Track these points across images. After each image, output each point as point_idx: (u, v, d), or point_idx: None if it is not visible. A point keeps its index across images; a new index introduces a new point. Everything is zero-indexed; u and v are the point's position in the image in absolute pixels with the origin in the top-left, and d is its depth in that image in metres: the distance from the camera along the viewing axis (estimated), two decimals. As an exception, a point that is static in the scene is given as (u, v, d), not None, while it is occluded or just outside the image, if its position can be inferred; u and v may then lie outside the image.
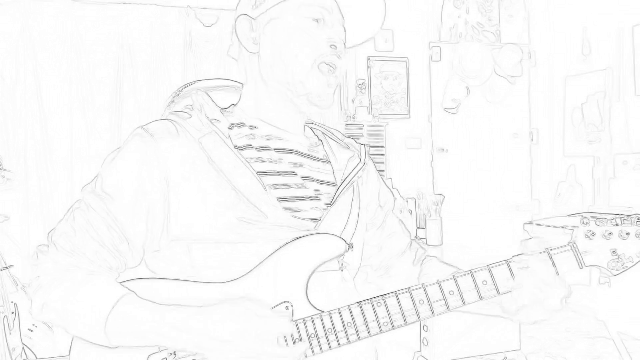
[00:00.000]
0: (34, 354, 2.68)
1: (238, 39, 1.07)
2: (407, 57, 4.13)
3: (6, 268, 2.55)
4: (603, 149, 4.03)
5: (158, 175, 0.96)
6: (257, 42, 1.06)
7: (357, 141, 1.18)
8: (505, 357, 2.90)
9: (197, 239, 0.96)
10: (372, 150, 3.90)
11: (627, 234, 1.01)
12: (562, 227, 3.22)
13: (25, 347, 2.60)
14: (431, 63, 4.18)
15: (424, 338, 2.91)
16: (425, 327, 2.92)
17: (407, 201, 3.86)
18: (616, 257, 1.01)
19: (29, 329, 2.71)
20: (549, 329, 3.66)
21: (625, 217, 1.02)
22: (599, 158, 4.07)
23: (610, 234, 1.01)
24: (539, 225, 3.49)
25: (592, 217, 1.03)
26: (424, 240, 3.74)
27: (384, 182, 1.23)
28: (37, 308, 0.94)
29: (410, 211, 3.84)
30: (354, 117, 3.90)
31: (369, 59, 4.03)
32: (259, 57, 1.06)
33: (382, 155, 3.90)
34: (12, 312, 2.51)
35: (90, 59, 3.40)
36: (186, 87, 1.13)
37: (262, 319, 0.90)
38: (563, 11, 4.32)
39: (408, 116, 4.14)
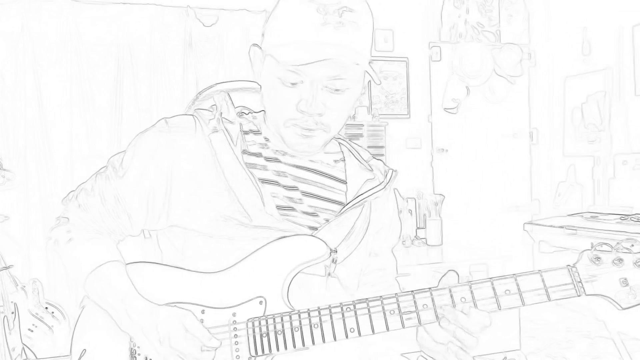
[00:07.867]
0: (34, 354, 2.68)
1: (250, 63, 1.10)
2: (407, 57, 4.13)
3: (6, 268, 2.55)
4: (603, 149, 4.03)
5: (165, 164, 1.03)
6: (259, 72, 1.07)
7: (388, 166, 1.17)
8: (505, 357, 2.90)
9: (190, 229, 1.02)
10: (372, 151, 3.90)
11: None
12: (562, 227, 3.22)
13: (25, 347, 2.60)
14: (431, 63, 4.17)
15: (424, 338, 2.91)
16: (425, 327, 2.91)
17: (407, 201, 3.86)
18: (627, 287, 0.86)
19: (29, 329, 2.71)
20: (549, 329, 3.65)
21: None
22: (599, 158, 4.07)
23: (620, 260, 0.86)
24: (539, 225, 3.49)
25: (604, 243, 0.87)
26: (424, 240, 3.74)
27: (399, 219, 1.22)
28: (51, 240, 1.07)
29: (410, 211, 3.84)
30: (354, 117, 3.90)
31: (369, 59, 4.02)
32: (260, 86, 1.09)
33: (382, 155, 3.90)
34: (12, 312, 2.51)
35: (90, 59, 3.39)
36: (206, 90, 1.18)
37: (180, 331, 0.95)
38: (563, 11, 4.31)
39: (408, 116, 4.14)
